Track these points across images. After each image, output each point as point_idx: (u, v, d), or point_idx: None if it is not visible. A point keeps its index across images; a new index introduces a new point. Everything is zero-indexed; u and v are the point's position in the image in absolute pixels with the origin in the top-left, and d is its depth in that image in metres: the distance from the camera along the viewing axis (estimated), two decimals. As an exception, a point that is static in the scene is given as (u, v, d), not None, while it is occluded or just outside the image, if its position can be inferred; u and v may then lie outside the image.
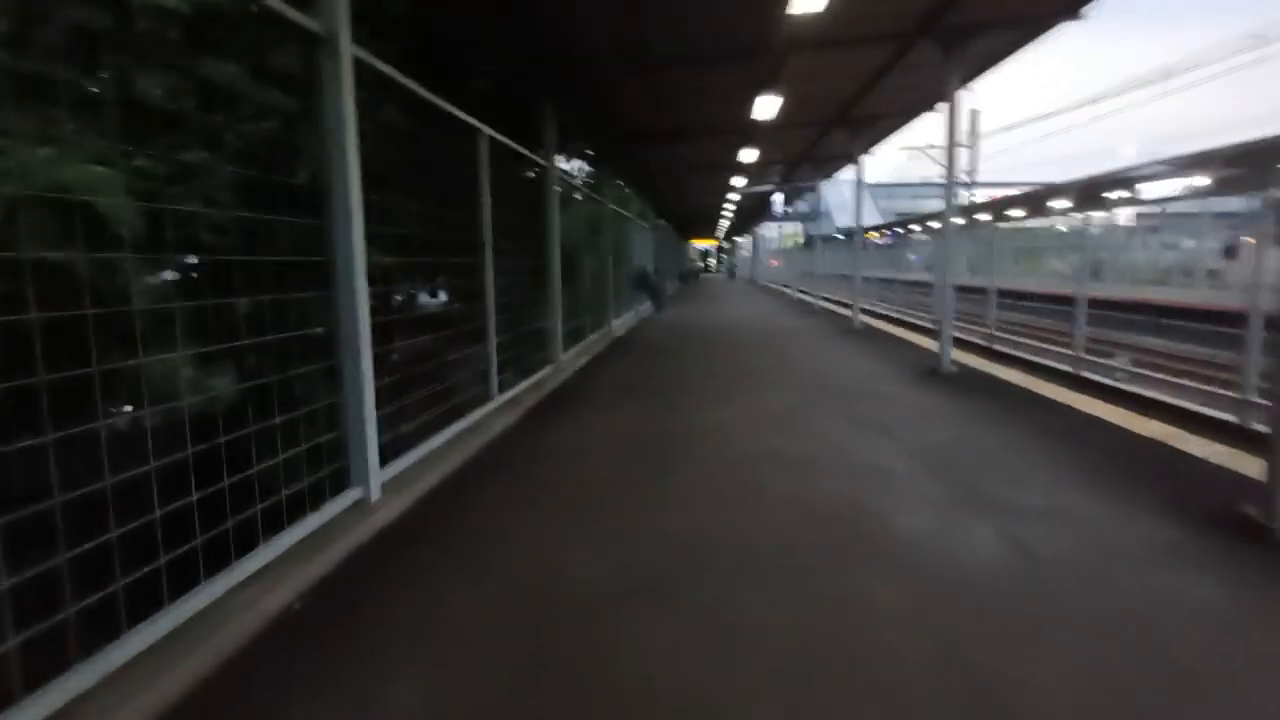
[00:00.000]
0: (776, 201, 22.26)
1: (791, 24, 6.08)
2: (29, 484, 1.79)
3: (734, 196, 22.27)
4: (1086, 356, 6.51)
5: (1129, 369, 6.14)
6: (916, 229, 25.13)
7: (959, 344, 9.82)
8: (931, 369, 7.14)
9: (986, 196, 28.99)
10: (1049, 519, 3.18)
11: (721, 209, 27.69)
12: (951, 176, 6.81)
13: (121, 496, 2.05)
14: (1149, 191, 20.34)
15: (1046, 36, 6.43)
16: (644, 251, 17.58)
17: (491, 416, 5.15)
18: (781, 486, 3.70)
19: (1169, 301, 12.30)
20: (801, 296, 21.42)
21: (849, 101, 9.29)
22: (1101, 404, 5.46)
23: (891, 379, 6.87)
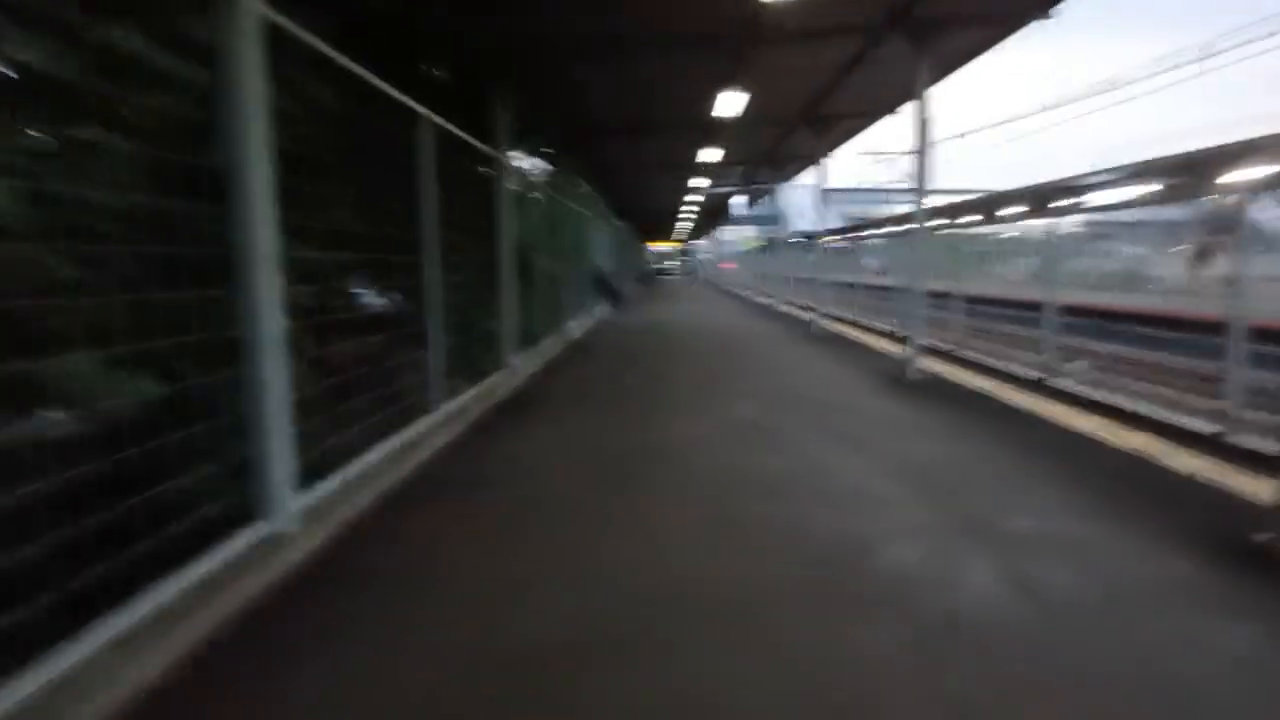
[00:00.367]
0: (736, 204, 22.09)
1: (761, 10, 5.76)
2: None
3: (694, 198, 22.02)
4: (1055, 365, 6.36)
5: (1101, 378, 5.99)
6: (875, 233, 25.29)
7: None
8: (898, 376, 6.91)
9: (941, 202, 29.34)
10: (1048, 549, 2.89)
11: (681, 211, 27.45)
12: (921, 178, 6.58)
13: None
14: (1098, 199, 20.84)
15: (1018, 34, 6.26)
16: (603, 252, 17.17)
17: (434, 429, 4.67)
18: (755, 514, 3.34)
19: (1132, 309, 12.42)
20: (760, 299, 21.29)
21: (814, 100, 9.05)
22: (1077, 415, 5.27)
23: (860, 387, 6.61)
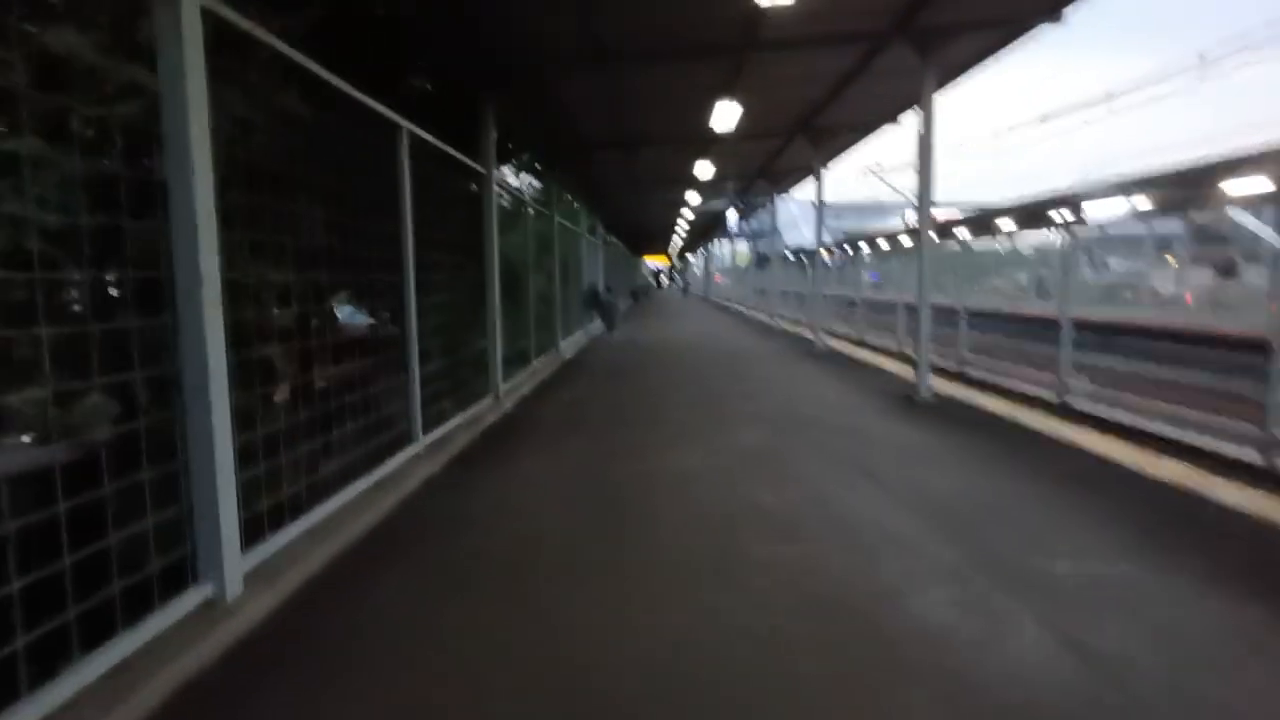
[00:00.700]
0: (730, 218, 21.88)
1: (760, 16, 5.49)
2: None
3: (687, 213, 21.82)
4: (1074, 384, 6.04)
5: (1116, 397, 5.68)
6: (878, 246, 25.13)
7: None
8: (907, 397, 6.59)
9: (940, 215, 29.25)
10: (1096, 599, 2.55)
11: (675, 225, 27.25)
12: (925, 188, 6.31)
13: None
14: (1097, 211, 20.72)
15: (1025, 39, 6.01)
16: (595, 268, 16.88)
17: (413, 463, 4.32)
18: (764, 559, 2.99)
19: (1149, 324, 12.19)
20: (756, 315, 21.01)
21: (812, 110, 8.80)
22: (1100, 439, 4.95)
23: (868, 409, 6.28)
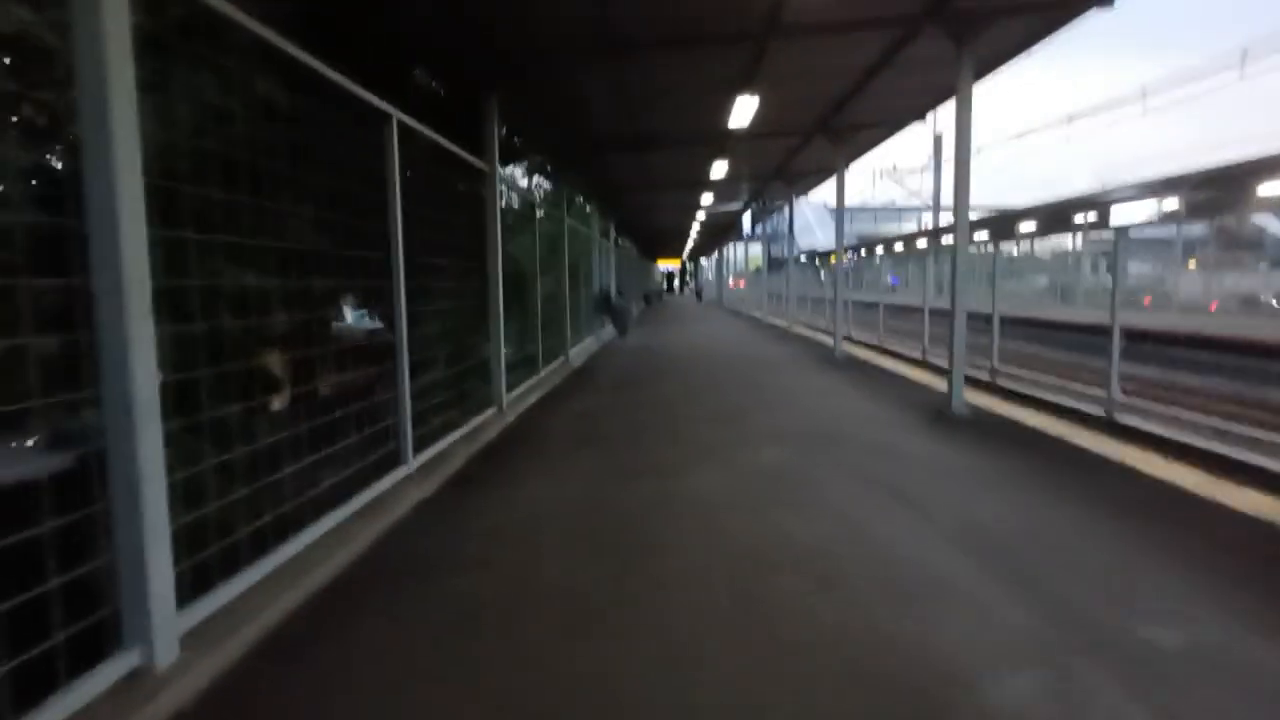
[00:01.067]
0: (745, 221, 21.44)
1: (784, 1, 5.07)
2: None
3: (701, 215, 21.40)
4: (1123, 399, 5.56)
5: (1179, 415, 5.19)
6: (898, 249, 24.55)
7: (941, 372, 8.91)
8: (939, 410, 6.11)
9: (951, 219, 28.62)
10: (1209, 676, 2.09)
11: (688, 228, 26.85)
12: (962, 186, 5.84)
13: None
14: (1127, 214, 20.10)
15: (1071, 25, 5.54)
16: (607, 272, 16.49)
17: (404, 485, 3.91)
18: (797, 613, 2.55)
19: (1204, 333, 11.65)
20: (773, 320, 20.53)
21: (835, 106, 8.35)
22: (1161, 460, 4.47)
23: (898, 424, 5.81)
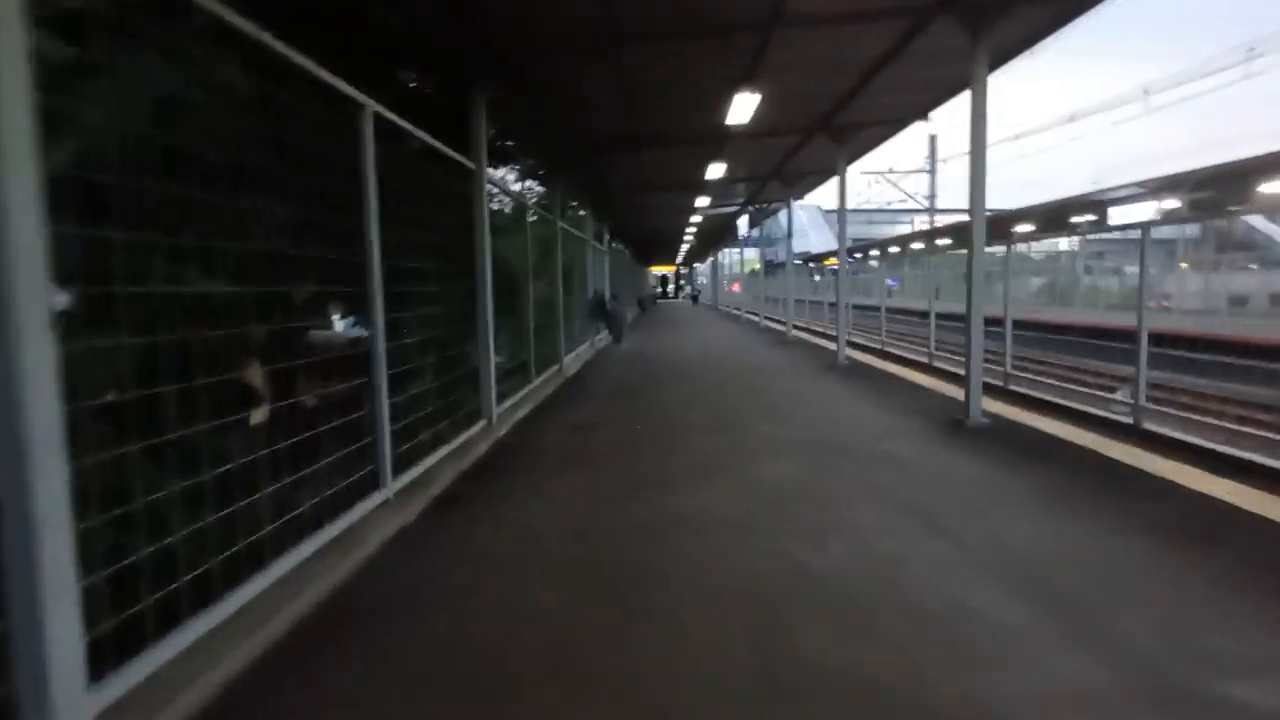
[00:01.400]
0: (741, 224, 21.15)
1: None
2: None
3: (696, 219, 21.10)
4: (1152, 406, 5.25)
5: (1213, 425, 4.88)
6: (899, 251, 24.30)
7: (956, 380, 8.60)
8: (956, 420, 5.79)
9: (949, 221, 28.56)
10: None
11: (683, 232, 26.56)
12: (978, 183, 5.53)
13: None
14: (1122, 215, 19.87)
15: (1093, 13, 5.25)
16: (601, 276, 16.15)
17: (379, 514, 3.56)
18: (828, 668, 2.20)
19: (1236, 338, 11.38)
20: (770, 324, 20.23)
21: (838, 102, 8.05)
22: (1203, 474, 4.14)
23: (913, 434, 5.49)
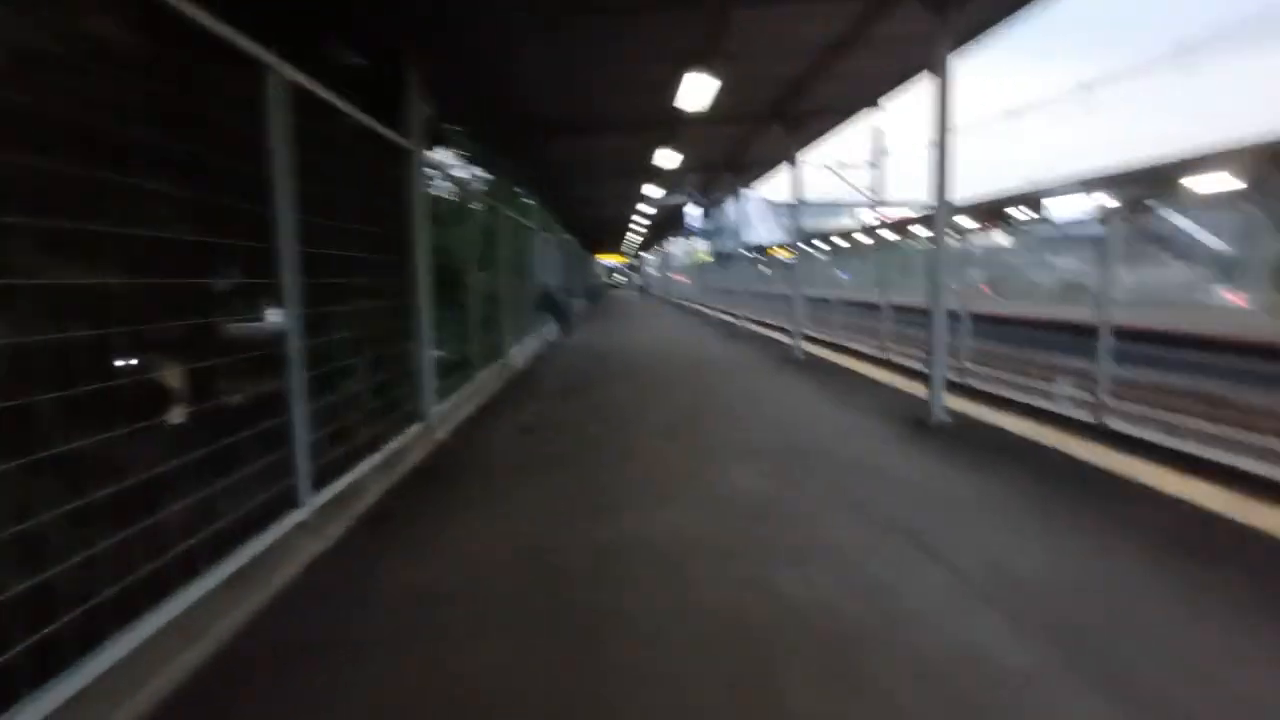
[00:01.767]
0: (690, 214, 20.88)
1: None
2: None
3: (646, 208, 20.72)
4: (1112, 403, 5.15)
5: (1177, 422, 4.79)
6: (849, 244, 24.42)
7: (912, 374, 8.50)
8: (918, 419, 5.60)
9: (892, 215, 28.97)
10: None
11: (632, 221, 26.16)
12: (941, 171, 5.32)
13: None
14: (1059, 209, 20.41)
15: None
16: (549, 267, 15.64)
17: (294, 538, 3.08)
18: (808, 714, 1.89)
19: (1199, 333, 11.55)
20: (723, 316, 20.07)
21: (793, 88, 7.77)
22: (1176, 477, 4.01)
23: (878, 435, 5.26)
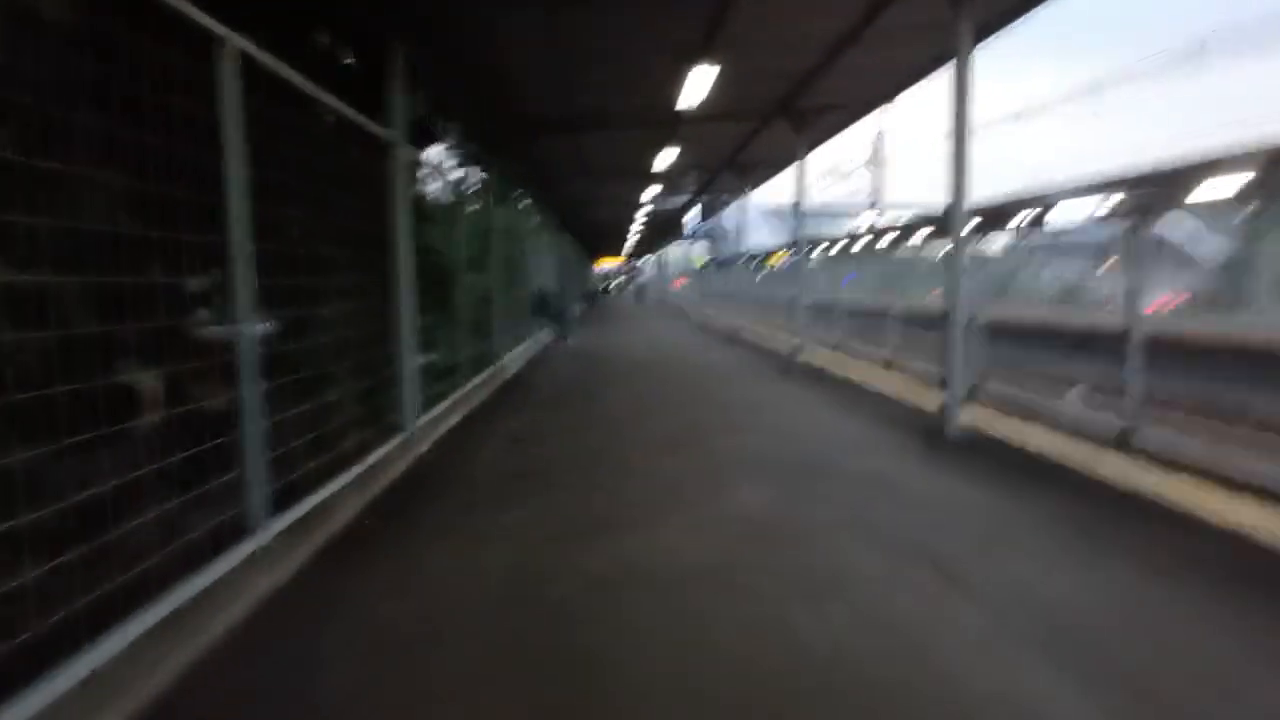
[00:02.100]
0: (690, 218, 20.56)
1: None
2: None
3: (644, 211, 20.41)
4: (1142, 416, 4.81)
5: (1219, 439, 4.46)
6: (858, 247, 24.03)
7: (921, 382, 8.18)
8: (932, 430, 5.26)
9: (893, 220, 28.68)
10: None
11: (630, 225, 25.85)
12: (960, 170, 4.99)
13: None
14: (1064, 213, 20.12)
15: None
16: (546, 270, 15.30)
17: (245, 572, 2.72)
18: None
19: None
20: (721, 322, 19.74)
21: (800, 82, 7.45)
22: (1220, 500, 3.67)
23: (891, 449, 4.91)
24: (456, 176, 8.61)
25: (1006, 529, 3.36)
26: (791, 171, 9.70)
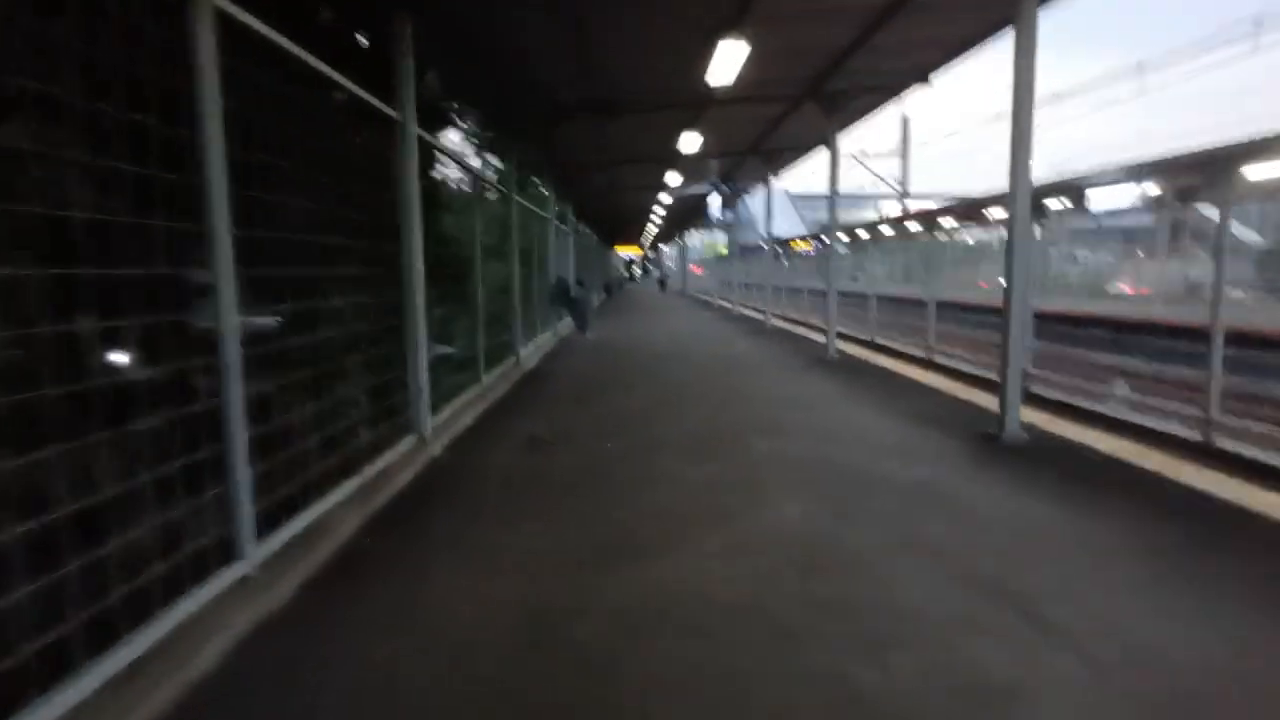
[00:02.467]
0: (714, 205, 20.07)
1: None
2: None
3: (665, 199, 19.93)
4: (1224, 419, 4.35)
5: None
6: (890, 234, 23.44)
7: (963, 378, 7.74)
8: (986, 433, 4.82)
9: (913, 207, 27.89)
10: None
11: (651, 213, 25.38)
12: (1021, 143, 4.54)
13: None
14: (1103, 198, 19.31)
15: None
16: (565, 259, 14.95)
17: (230, 602, 2.40)
18: None
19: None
20: (745, 311, 19.28)
21: (834, 61, 6.97)
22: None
23: (941, 454, 4.49)
24: (474, 163, 8.28)
25: (1089, 556, 2.94)
26: (820, 157, 9.22)
